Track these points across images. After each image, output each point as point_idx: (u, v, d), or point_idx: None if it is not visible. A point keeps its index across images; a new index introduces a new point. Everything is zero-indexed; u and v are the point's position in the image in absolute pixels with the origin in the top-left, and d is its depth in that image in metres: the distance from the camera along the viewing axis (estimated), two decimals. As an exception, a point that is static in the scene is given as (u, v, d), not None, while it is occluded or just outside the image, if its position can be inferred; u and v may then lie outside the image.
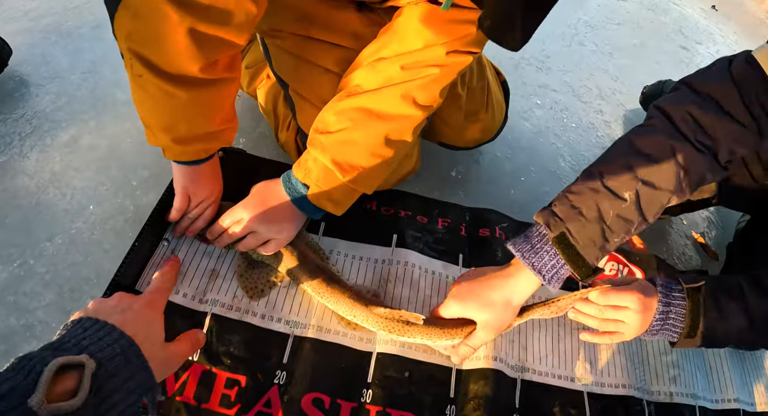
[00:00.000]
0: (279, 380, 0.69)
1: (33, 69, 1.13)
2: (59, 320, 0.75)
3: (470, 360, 0.77)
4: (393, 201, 0.96)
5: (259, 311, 0.75)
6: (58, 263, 0.81)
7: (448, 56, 0.71)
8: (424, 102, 0.74)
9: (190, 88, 0.63)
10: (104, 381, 0.44)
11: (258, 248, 0.77)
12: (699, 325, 0.73)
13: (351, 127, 0.72)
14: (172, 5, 0.54)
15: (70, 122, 1.03)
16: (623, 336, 0.76)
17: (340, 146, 0.73)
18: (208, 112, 0.69)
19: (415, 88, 0.72)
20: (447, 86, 0.76)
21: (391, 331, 0.72)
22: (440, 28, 0.70)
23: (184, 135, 0.69)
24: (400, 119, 0.73)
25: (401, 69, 0.71)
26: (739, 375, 0.91)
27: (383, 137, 0.73)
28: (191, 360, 0.68)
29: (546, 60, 1.55)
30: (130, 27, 0.57)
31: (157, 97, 0.63)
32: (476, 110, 0.98)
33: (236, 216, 0.76)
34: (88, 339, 0.47)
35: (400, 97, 0.72)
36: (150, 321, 0.57)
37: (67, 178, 0.92)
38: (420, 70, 0.72)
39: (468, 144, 1.05)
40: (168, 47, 0.58)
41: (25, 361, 0.41)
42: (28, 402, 0.38)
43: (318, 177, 0.74)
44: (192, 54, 0.59)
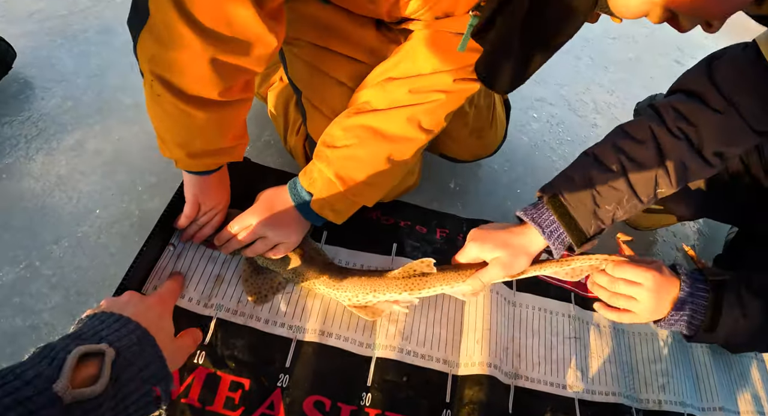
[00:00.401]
0: (282, 383, 0.72)
1: (38, 72, 1.14)
2: (65, 322, 0.77)
3: (466, 366, 0.79)
4: (393, 211, 0.98)
5: (262, 316, 0.77)
6: (64, 266, 0.82)
7: (455, 83, 0.74)
8: (429, 126, 0.76)
9: (208, 110, 0.65)
10: (122, 370, 0.46)
11: (267, 253, 0.79)
12: (720, 320, 0.70)
13: (356, 144, 0.75)
14: (196, 34, 0.55)
15: (75, 126, 1.04)
16: (635, 316, 0.74)
17: (344, 161, 0.75)
18: (223, 130, 0.71)
19: (421, 112, 0.74)
20: (453, 112, 0.78)
21: (412, 289, 0.77)
22: (449, 56, 0.72)
23: (198, 150, 0.71)
24: (404, 140, 0.76)
25: (409, 92, 0.74)
26: (726, 383, 0.93)
27: (386, 156, 0.76)
28: (196, 363, 0.70)
29: (542, 73, 1.57)
30: (153, 50, 0.58)
31: (175, 116, 0.65)
32: (481, 126, 1.00)
33: (245, 222, 0.78)
34: (106, 330, 0.50)
35: (406, 120, 0.74)
36: (161, 315, 0.60)
37: (73, 181, 0.94)
38: (427, 95, 0.74)
39: (468, 158, 1.08)
40: (189, 73, 0.59)
41: (47, 350, 0.44)
42: (53, 387, 0.40)
43: (321, 188, 0.77)
44: (212, 81, 0.61)
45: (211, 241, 0.81)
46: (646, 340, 0.92)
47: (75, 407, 0.41)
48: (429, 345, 0.80)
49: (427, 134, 0.77)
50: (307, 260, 0.81)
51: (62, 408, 0.40)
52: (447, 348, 0.81)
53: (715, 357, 0.95)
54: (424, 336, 0.81)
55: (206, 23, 0.55)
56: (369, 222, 0.96)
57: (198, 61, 0.58)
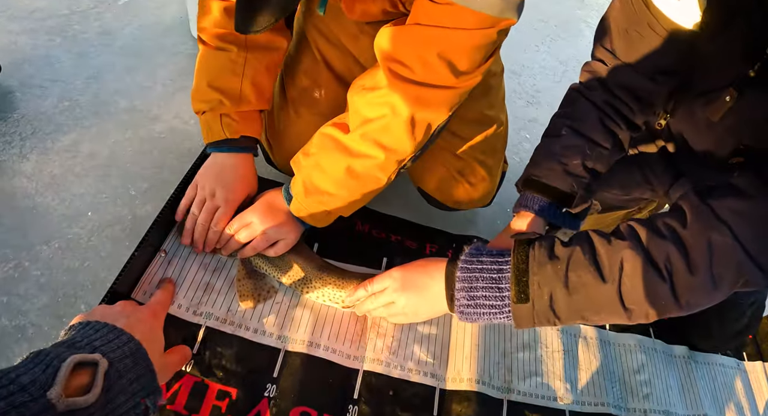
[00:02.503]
0: (269, 393, 0.72)
1: (36, 70, 1.15)
2: (52, 324, 0.77)
3: (453, 381, 0.80)
4: (384, 225, 1.00)
5: (251, 325, 0.77)
6: (53, 267, 0.82)
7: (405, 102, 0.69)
8: (387, 143, 0.71)
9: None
10: (114, 381, 0.47)
11: (267, 250, 0.80)
12: (529, 286, 0.64)
13: (322, 153, 0.75)
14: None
15: (71, 127, 1.04)
16: (405, 316, 0.75)
17: (311, 170, 0.76)
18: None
19: (375, 128, 0.70)
20: (422, 130, 0.72)
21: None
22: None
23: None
24: (363, 156, 0.73)
25: (367, 104, 0.70)
26: (710, 391, 0.95)
27: (345, 167, 0.73)
28: (184, 371, 0.70)
29: (536, 95, 1.61)
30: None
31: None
32: (461, 168, 0.97)
33: (245, 220, 0.80)
34: (99, 340, 0.50)
35: (360, 136, 0.72)
36: (153, 328, 0.61)
37: (67, 183, 0.94)
38: (381, 109, 0.69)
39: (441, 200, 1.04)
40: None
41: (42, 356, 0.44)
42: (48, 395, 0.40)
43: (297, 193, 0.78)
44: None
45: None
46: (629, 351, 0.94)
47: (67, 415, 0.41)
48: (417, 360, 0.81)
49: (387, 152, 0.71)
50: (306, 260, 0.83)
51: (56, 415, 0.40)
52: (435, 362, 0.82)
53: (698, 366, 0.98)
54: (411, 350, 0.82)
55: None
56: (360, 235, 0.97)
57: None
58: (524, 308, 0.64)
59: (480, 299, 0.66)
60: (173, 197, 0.84)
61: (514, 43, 1.81)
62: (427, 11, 0.60)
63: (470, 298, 0.66)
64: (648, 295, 0.61)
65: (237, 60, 0.80)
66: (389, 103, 0.67)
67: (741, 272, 0.60)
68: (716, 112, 0.68)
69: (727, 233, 0.59)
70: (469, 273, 0.67)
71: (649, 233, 0.63)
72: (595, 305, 0.63)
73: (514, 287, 0.64)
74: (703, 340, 1.00)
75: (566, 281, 0.62)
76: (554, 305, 0.63)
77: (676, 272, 0.60)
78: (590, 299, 0.62)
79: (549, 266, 0.64)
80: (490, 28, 0.60)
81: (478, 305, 0.66)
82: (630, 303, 0.62)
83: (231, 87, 0.80)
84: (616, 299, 0.62)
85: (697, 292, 0.61)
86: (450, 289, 0.69)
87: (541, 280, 0.63)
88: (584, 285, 0.62)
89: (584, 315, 0.64)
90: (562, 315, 0.64)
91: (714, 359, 1.01)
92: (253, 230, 0.79)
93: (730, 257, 0.59)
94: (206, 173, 0.84)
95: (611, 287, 0.61)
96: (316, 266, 0.82)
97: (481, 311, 0.66)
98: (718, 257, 0.60)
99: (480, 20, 0.59)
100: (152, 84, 1.19)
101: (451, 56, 0.63)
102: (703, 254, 0.60)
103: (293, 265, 0.82)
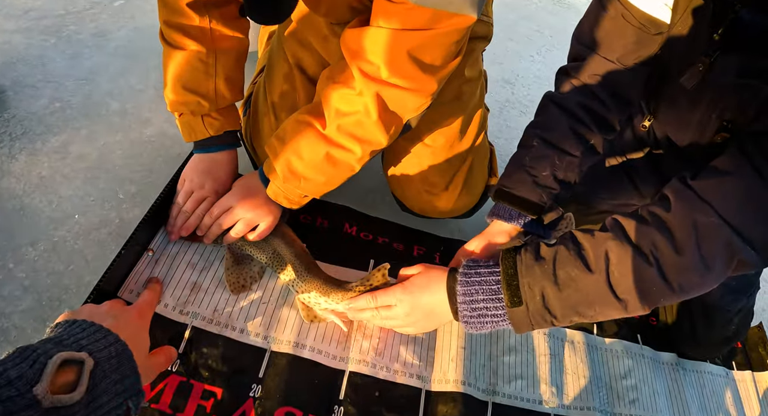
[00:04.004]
0: (254, 393, 0.72)
1: (29, 70, 1.15)
2: (35, 327, 0.76)
3: (439, 382, 0.80)
4: (372, 227, 1.01)
5: (237, 325, 0.78)
6: (38, 269, 0.82)
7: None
8: (362, 135, 0.74)
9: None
10: (98, 381, 0.47)
11: (248, 235, 0.82)
12: (519, 289, 0.66)
13: (299, 140, 0.75)
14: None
15: (62, 128, 1.04)
16: (416, 332, 0.79)
17: (288, 155, 0.76)
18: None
19: (350, 122, 0.72)
20: (394, 122, 0.74)
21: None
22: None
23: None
24: (340, 146, 0.75)
25: (340, 97, 0.72)
26: (698, 399, 0.96)
27: (324, 154, 0.75)
28: (169, 371, 0.70)
29: (530, 104, 1.62)
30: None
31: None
32: (434, 182, 0.97)
33: (224, 205, 0.81)
34: (86, 339, 0.50)
35: (336, 128, 0.73)
36: (139, 330, 0.61)
37: (55, 185, 0.93)
38: (354, 105, 0.71)
39: (418, 211, 1.03)
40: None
41: (28, 351, 0.44)
42: (34, 391, 0.41)
43: (274, 177, 0.79)
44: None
45: (194, 232, 0.84)
46: (616, 356, 0.95)
47: (52, 412, 0.41)
48: (403, 361, 0.81)
49: (362, 144, 0.74)
50: (286, 244, 0.85)
51: (41, 411, 0.40)
52: (421, 364, 0.82)
53: (686, 374, 0.98)
54: (397, 351, 0.82)
55: None
56: (347, 237, 0.97)
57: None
58: (520, 312, 0.66)
59: (482, 310, 0.68)
60: (161, 198, 0.84)
61: (509, 52, 1.82)
62: (386, 11, 0.61)
63: (473, 310, 0.68)
64: (637, 282, 0.61)
65: (208, 61, 0.80)
66: (361, 101, 0.69)
67: (732, 251, 0.60)
68: (691, 79, 0.68)
69: (711, 212, 0.60)
70: (468, 286, 0.69)
71: (633, 222, 0.64)
72: (587, 298, 0.64)
73: (506, 293, 0.66)
74: (691, 347, 1.00)
75: (555, 279, 0.64)
76: (547, 304, 0.64)
77: (662, 255, 0.61)
78: (581, 292, 0.63)
79: (536, 267, 0.65)
80: (450, 26, 0.62)
81: (481, 316, 0.68)
82: (622, 293, 0.62)
83: (206, 88, 0.82)
84: (606, 290, 0.62)
85: (687, 273, 0.61)
86: (453, 304, 0.71)
87: (531, 281, 0.65)
88: (573, 280, 0.63)
89: (579, 310, 0.65)
90: (557, 313, 0.65)
91: (702, 367, 1.01)
92: (233, 214, 0.81)
93: (716, 235, 0.60)
94: (195, 168, 0.86)
95: (599, 277, 0.62)
96: (294, 251, 0.84)
97: (485, 320, 0.68)
98: (704, 237, 0.60)
99: (436, 17, 0.61)
100: (145, 87, 1.19)
101: (417, 54, 0.64)
102: (689, 234, 0.60)
103: (274, 247, 0.84)
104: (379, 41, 0.63)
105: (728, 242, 0.60)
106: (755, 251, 0.60)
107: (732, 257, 0.61)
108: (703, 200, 0.61)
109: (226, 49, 0.82)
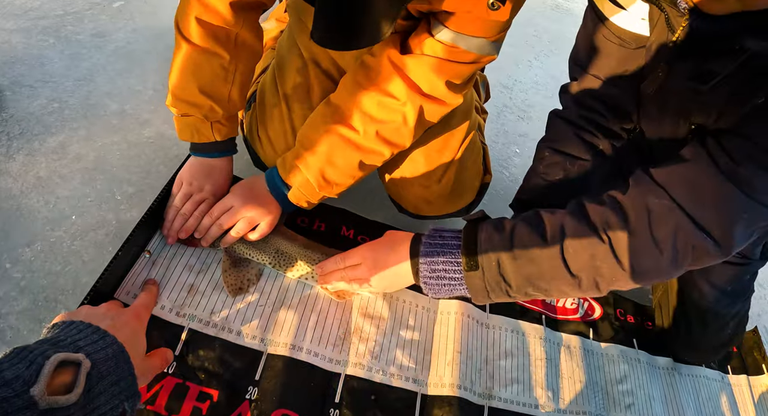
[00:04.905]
0: (250, 395, 0.72)
1: (27, 70, 1.14)
2: (31, 328, 0.76)
3: (435, 386, 0.81)
4: (369, 230, 1.01)
5: (234, 327, 0.78)
6: (35, 270, 0.82)
7: (421, 108, 0.78)
8: (396, 141, 0.81)
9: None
10: (95, 382, 0.47)
11: (249, 234, 0.83)
12: (477, 254, 0.68)
13: (332, 151, 0.79)
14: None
15: (59, 129, 1.04)
16: (378, 290, 0.82)
17: (321, 165, 0.80)
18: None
19: (388, 130, 0.79)
20: (422, 129, 0.83)
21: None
22: (421, 82, 0.76)
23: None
24: (373, 152, 0.81)
25: (378, 105, 0.78)
26: (694, 403, 0.96)
27: (358, 162, 0.81)
28: (165, 373, 0.70)
29: (528, 109, 1.62)
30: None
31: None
32: (426, 175, 0.97)
33: (225, 205, 0.82)
34: (83, 341, 0.50)
35: (374, 135, 0.79)
36: (135, 332, 0.61)
37: (52, 185, 0.93)
38: (394, 114, 0.78)
39: (411, 210, 1.04)
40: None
41: (25, 352, 0.44)
42: (31, 391, 0.40)
43: (301, 184, 0.82)
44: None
45: (192, 236, 0.83)
46: (612, 361, 0.95)
47: (49, 413, 0.41)
48: (399, 365, 0.81)
49: (393, 148, 0.82)
50: (289, 239, 0.87)
51: (37, 413, 0.40)
52: (417, 367, 0.82)
53: (682, 378, 0.99)
54: (394, 355, 0.82)
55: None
56: (345, 240, 0.98)
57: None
58: (476, 277, 0.68)
59: (441, 272, 0.71)
60: (159, 199, 0.84)
61: (508, 57, 1.83)
62: (437, 47, 0.74)
63: (432, 271, 0.71)
64: (590, 259, 0.63)
65: (229, 68, 0.80)
66: (402, 112, 0.78)
67: (685, 236, 0.61)
68: (649, 85, 0.71)
69: (664, 195, 0.62)
70: (430, 248, 0.72)
71: (590, 202, 0.66)
72: (542, 270, 0.65)
73: (464, 257, 0.69)
74: (687, 352, 1.01)
75: (511, 246, 0.67)
76: (502, 272, 0.67)
77: (614, 235, 0.62)
78: (535, 263, 0.65)
79: (496, 235, 0.68)
80: (483, 63, 0.77)
81: (439, 278, 0.71)
82: (576, 270, 0.64)
83: (222, 94, 0.82)
84: (560, 265, 0.64)
85: (640, 256, 0.62)
86: (415, 265, 0.74)
87: (489, 247, 0.68)
88: (527, 249, 0.65)
89: (533, 282, 0.67)
90: (512, 282, 0.67)
91: (698, 371, 1.02)
92: (234, 213, 0.81)
93: (668, 218, 0.61)
94: (193, 171, 0.86)
95: (554, 250, 0.64)
96: (301, 244, 0.86)
97: (442, 282, 0.71)
98: (656, 219, 0.61)
99: (474, 57, 0.74)
100: (143, 88, 1.19)
101: (452, 79, 0.77)
102: (641, 216, 0.62)
103: (277, 246, 0.85)
104: (427, 66, 0.74)
105: (680, 225, 0.61)
106: (712, 240, 0.61)
107: (686, 242, 0.62)
108: (657, 184, 0.63)
109: (245, 57, 0.82)
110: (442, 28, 0.72)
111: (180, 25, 0.76)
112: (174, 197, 0.84)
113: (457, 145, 0.94)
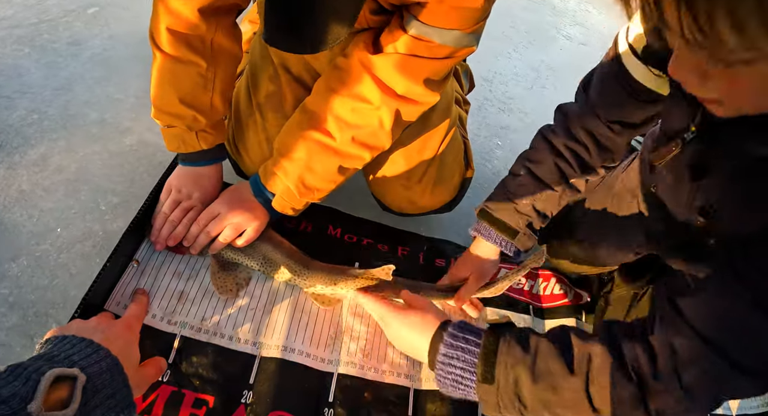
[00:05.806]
0: (246, 399, 0.73)
1: (5, 80, 1.13)
2: (22, 344, 0.75)
3: (428, 381, 0.82)
4: (356, 229, 1.02)
5: (226, 332, 0.78)
6: (22, 285, 0.81)
7: (395, 112, 0.77)
8: (373, 144, 0.81)
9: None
10: (90, 396, 0.47)
11: (236, 241, 0.83)
12: (495, 367, 0.64)
13: (310, 158, 0.80)
14: None
15: (39, 140, 1.03)
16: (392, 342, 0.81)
17: (300, 172, 0.80)
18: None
19: (364, 134, 0.79)
20: (400, 129, 0.83)
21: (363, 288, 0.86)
22: (394, 83, 0.75)
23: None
24: (351, 156, 0.81)
25: (352, 111, 0.77)
26: None
27: (337, 167, 0.81)
28: (160, 381, 0.70)
29: (509, 101, 1.63)
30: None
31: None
32: (408, 176, 0.97)
33: (212, 213, 0.83)
34: (77, 355, 0.51)
35: (350, 140, 0.79)
36: (128, 343, 0.62)
37: (35, 198, 0.93)
38: (369, 118, 0.77)
39: (395, 209, 1.05)
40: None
41: (20, 369, 0.45)
42: (28, 408, 0.41)
43: (282, 192, 0.83)
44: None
45: (180, 244, 0.84)
46: None
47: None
48: (390, 361, 0.83)
49: (372, 151, 0.82)
50: (275, 246, 0.87)
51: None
52: (408, 363, 0.84)
53: None
54: (384, 352, 0.84)
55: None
56: (331, 240, 0.99)
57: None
58: (489, 390, 0.64)
59: (456, 376, 0.67)
60: (145, 208, 0.84)
61: (486, 50, 1.83)
62: (410, 43, 0.72)
63: (448, 373, 0.68)
64: (615, 395, 0.59)
65: (207, 75, 0.79)
66: (377, 115, 0.77)
67: (716, 378, 0.56)
68: (659, 157, 0.67)
69: (692, 334, 0.56)
70: (450, 349, 0.68)
71: (622, 333, 0.62)
72: (563, 400, 0.61)
73: (481, 367, 0.65)
74: None
75: (533, 367, 0.62)
76: (519, 391, 0.63)
77: (642, 375, 0.58)
78: (557, 393, 0.61)
79: (518, 349, 0.64)
80: (461, 56, 0.75)
81: (455, 381, 0.68)
82: (599, 404, 0.59)
83: (203, 103, 0.81)
84: (583, 398, 0.60)
85: (666, 401, 0.57)
86: (432, 358, 0.71)
87: (508, 362, 0.64)
88: (550, 374, 0.61)
89: (552, 409, 0.62)
90: (527, 403, 0.62)
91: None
92: (221, 219, 0.82)
93: (695, 361, 0.56)
94: (182, 179, 0.86)
95: (578, 380, 0.60)
96: (284, 252, 0.87)
97: (458, 387, 0.68)
98: (683, 362, 0.56)
99: (450, 51, 0.73)
100: (124, 96, 1.18)
101: (431, 76, 0.76)
102: (667, 358, 0.57)
103: (264, 252, 0.86)
104: (400, 65, 0.73)
105: (710, 367, 0.55)
106: (747, 377, 0.54)
107: (717, 384, 0.56)
108: (684, 319, 0.57)
109: (223, 62, 0.81)
110: (415, 21, 0.70)
111: (153, 37, 0.75)
112: (162, 204, 0.84)
113: (437, 143, 0.94)
